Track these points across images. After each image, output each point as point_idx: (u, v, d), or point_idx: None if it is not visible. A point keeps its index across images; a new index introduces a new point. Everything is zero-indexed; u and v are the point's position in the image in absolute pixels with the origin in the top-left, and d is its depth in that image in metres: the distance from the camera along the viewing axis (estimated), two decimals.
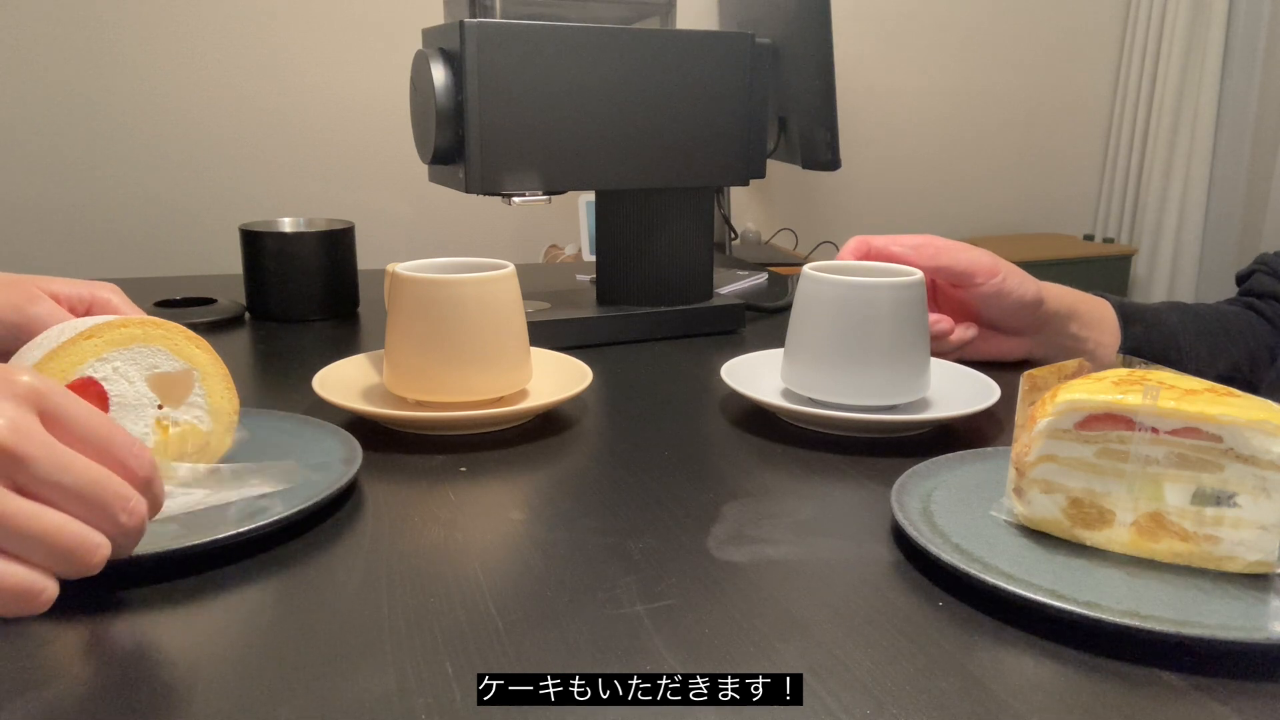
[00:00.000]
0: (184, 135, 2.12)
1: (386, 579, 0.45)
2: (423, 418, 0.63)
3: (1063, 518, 0.46)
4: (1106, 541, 0.46)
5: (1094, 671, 0.38)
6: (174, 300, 1.01)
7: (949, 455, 0.56)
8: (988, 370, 0.72)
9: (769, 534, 0.50)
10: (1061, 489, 0.46)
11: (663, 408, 0.72)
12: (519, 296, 0.67)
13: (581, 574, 0.46)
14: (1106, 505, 0.45)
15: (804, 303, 0.67)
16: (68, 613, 0.41)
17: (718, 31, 0.88)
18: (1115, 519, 0.45)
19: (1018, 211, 2.86)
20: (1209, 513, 0.43)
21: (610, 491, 0.56)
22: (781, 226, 2.52)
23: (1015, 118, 2.80)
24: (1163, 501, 0.44)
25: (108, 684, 0.37)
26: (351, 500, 0.54)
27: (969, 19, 2.69)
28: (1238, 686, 0.37)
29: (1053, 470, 0.46)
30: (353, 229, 1.02)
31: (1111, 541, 0.45)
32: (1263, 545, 0.42)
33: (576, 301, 0.93)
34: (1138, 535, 0.45)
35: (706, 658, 0.39)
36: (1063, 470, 0.46)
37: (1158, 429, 0.44)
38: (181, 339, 0.52)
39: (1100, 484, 0.45)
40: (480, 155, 0.81)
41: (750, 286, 1.15)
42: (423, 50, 0.82)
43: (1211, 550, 0.43)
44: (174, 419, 0.52)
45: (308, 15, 2.15)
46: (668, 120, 0.87)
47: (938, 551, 0.44)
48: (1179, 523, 0.44)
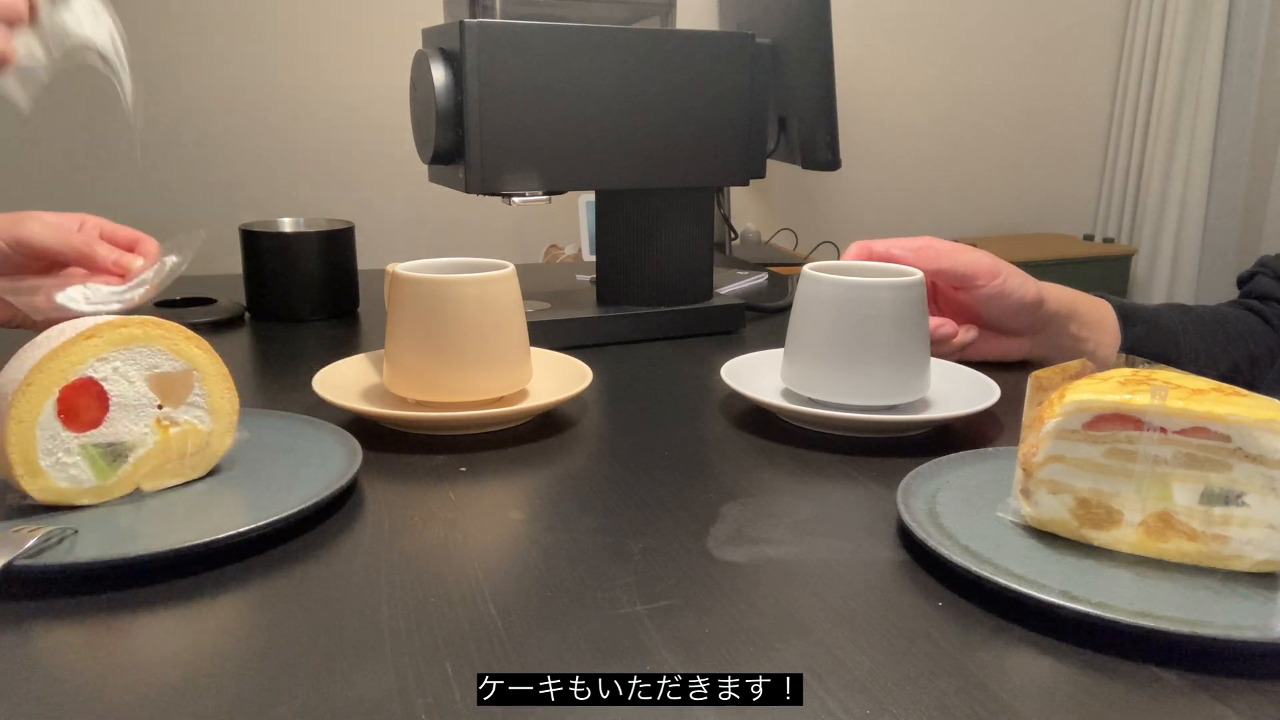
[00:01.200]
0: (184, 135, 2.12)
1: (386, 579, 0.45)
2: (423, 418, 0.63)
3: (1070, 518, 0.46)
4: (1114, 542, 0.45)
5: (1094, 671, 0.38)
6: (174, 300, 1.01)
7: (952, 456, 0.56)
8: (987, 370, 0.72)
9: (769, 534, 0.50)
10: (1069, 489, 0.46)
11: (663, 408, 0.72)
12: (519, 296, 0.67)
13: (581, 574, 0.46)
14: (1114, 505, 0.45)
15: (804, 303, 0.67)
16: (67, 611, 0.41)
17: (718, 31, 0.88)
18: (1123, 519, 0.45)
19: (1018, 211, 2.86)
20: (1217, 512, 0.43)
21: (610, 491, 0.56)
22: (781, 226, 2.52)
23: (1015, 118, 2.80)
24: (1171, 501, 0.44)
25: (107, 683, 0.37)
26: (351, 500, 0.54)
27: (969, 19, 2.69)
28: (1239, 685, 0.37)
29: (1060, 471, 0.46)
30: (353, 229, 1.02)
31: (1119, 541, 0.45)
32: (1271, 544, 0.43)
33: (576, 301, 0.93)
34: (1146, 535, 0.45)
35: (706, 658, 0.39)
36: (1070, 471, 0.46)
37: (1166, 429, 0.44)
38: (181, 339, 0.52)
39: (1108, 484, 0.45)
40: (480, 155, 0.81)
41: (750, 286, 1.15)
42: (423, 50, 0.82)
43: (1220, 550, 0.43)
44: (174, 419, 0.52)
45: (308, 15, 2.15)
46: (668, 120, 0.87)
47: (948, 554, 0.44)
48: (1187, 522, 0.44)
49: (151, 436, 0.51)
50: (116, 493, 0.50)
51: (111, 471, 0.49)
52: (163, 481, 0.51)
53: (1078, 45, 2.82)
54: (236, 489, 0.52)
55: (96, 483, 0.49)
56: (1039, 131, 2.83)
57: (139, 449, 0.50)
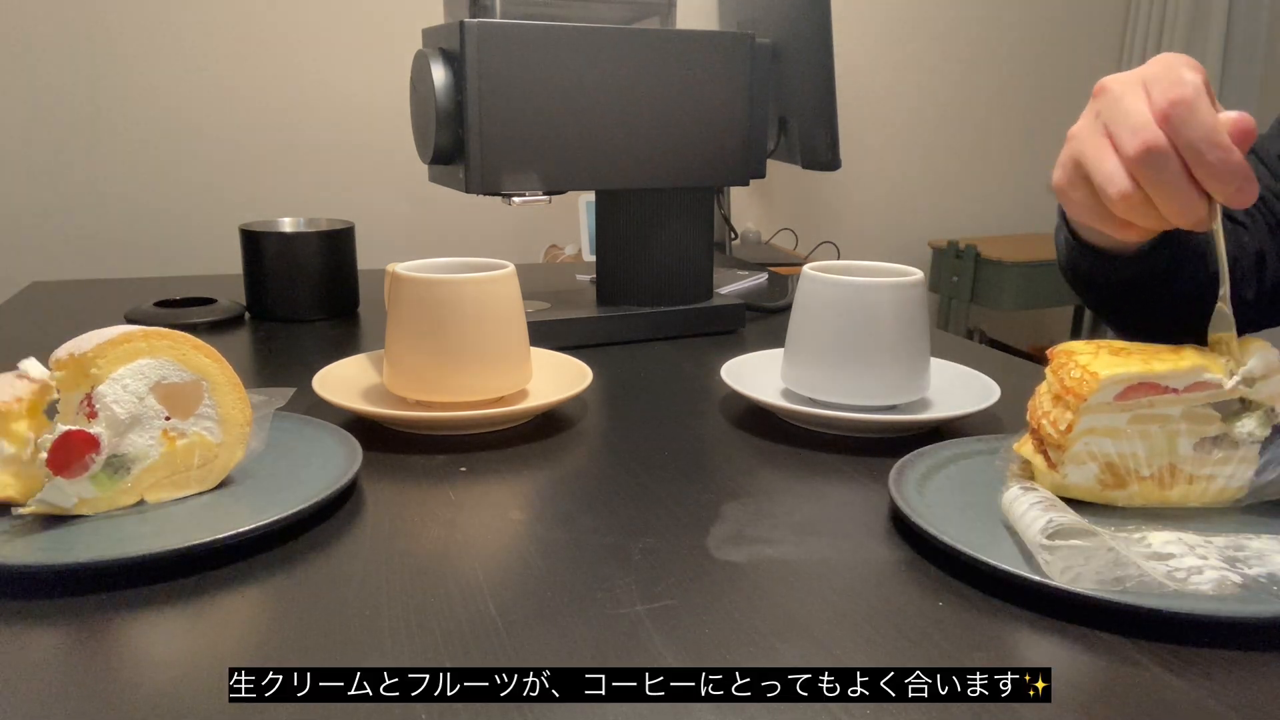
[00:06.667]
0: (184, 136, 2.12)
1: (386, 579, 0.45)
2: (423, 418, 0.63)
3: (1095, 484, 0.50)
4: (1130, 498, 0.50)
5: (1095, 670, 0.38)
6: (174, 300, 1.01)
7: (935, 445, 0.58)
8: (988, 370, 0.72)
9: (769, 534, 0.50)
10: (1097, 457, 0.49)
11: (663, 408, 0.72)
12: (519, 296, 0.67)
13: (581, 574, 0.46)
14: (1132, 465, 0.49)
15: (804, 303, 0.67)
16: (67, 611, 0.41)
17: (718, 31, 0.88)
18: (1138, 476, 0.50)
19: (1018, 212, 2.86)
20: (1214, 455, 0.49)
21: (610, 491, 0.56)
22: (781, 226, 2.52)
23: (1015, 118, 2.80)
24: (1176, 454, 0.49)
25: (107, 683, 0.37)
26: (351, 500, 0.54)
27: (969, 19, 2.69)
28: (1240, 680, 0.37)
29: (1092, 441, 0.49)
30: (353, 229, 1.02)
31: (1135, 497, 0.50)
32: (1241, 475, 0.50)
33: (576, 301, 0.93)
34: (1156, 487, 0.50)
35: (706, 657, 0.39)
36: (1099, 440, 0.49)
37: (1178, 389, 0.48)
38: (189, 349, 0.51)
39: (1128, 446, 0.49)
40: (480, 155, 0.81)
41: (750, 286, 1.15)
42: (423, 50, 0.82)
43: (1209, 488, 0.50)
44: (181, 430, 0.51)
45: (308, 15, 2.15)
46: (668, 120, 0.87)
47: (952, 542, 0.45)
48: (1185, 469, 0.50)
49: (157, 449, 0.50)
50: (118, 504, 0.49)
51: (113, 484, 0.48)
52: (168, 494, 0.50)
53: (1078, 45, 2.82)
54: (236, 489, 0.52)
55: (96, 494, 0.48)
56: (1039, 131, 2.83)
57: (143, 461, 0.49)
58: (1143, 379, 0.48)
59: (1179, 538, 0.46)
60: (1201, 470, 0.50)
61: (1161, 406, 0.49)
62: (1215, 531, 0.47)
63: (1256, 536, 0.47)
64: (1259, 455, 0.50)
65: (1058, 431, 0.50)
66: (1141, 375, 0.48)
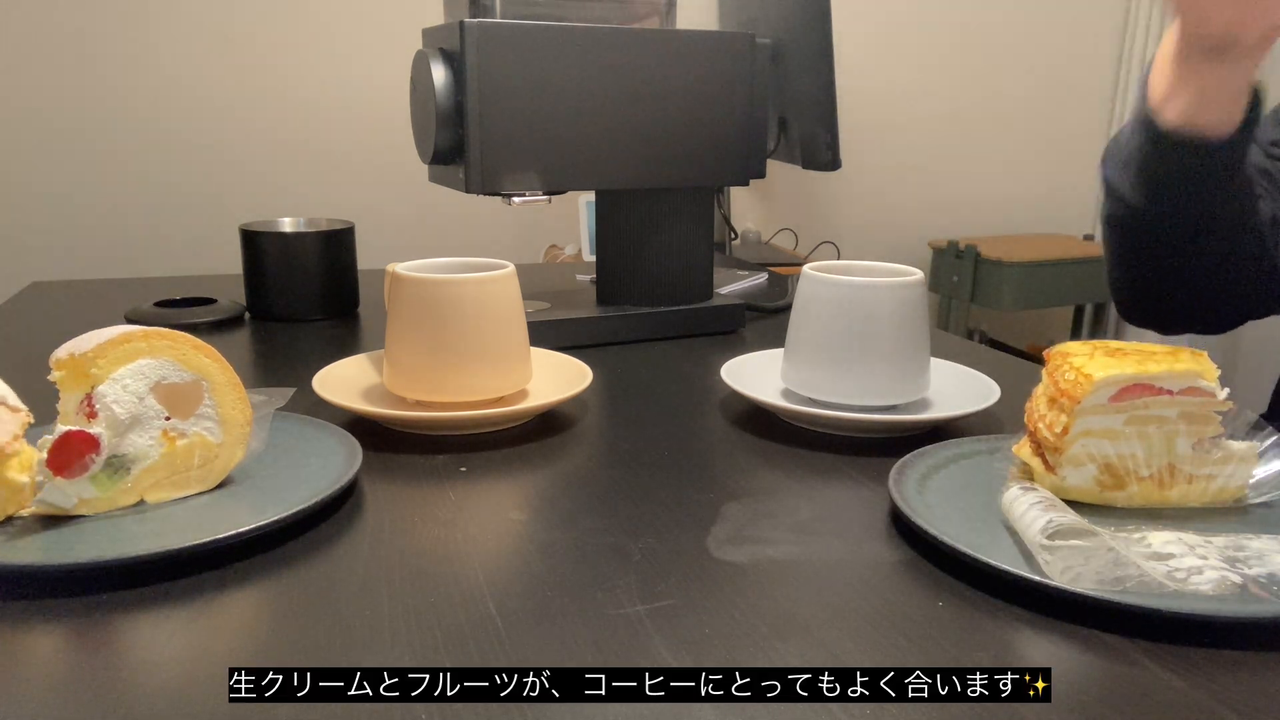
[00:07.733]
0: (184, 135, 2.12)
1: (386, 579, 0.45)
2: (423, 418, 0.63)
3: (1094, 485, 0.50)
4: (1129, 499, 0.50)
5: (1095, 670, 0.38)
6: (174, 300, 1.01)
7: (935, 445, 0.58)
8: (988, 371, 0.72)
9: (769, 534, 0.50)
10: (1095, 459, 0.50)
11: (663, 408, 0.71)
12: (519, 296, 0.67)
13: (581, 574, 0.46)
14: (1130, 466, 0.50)
15: (804, 303, 0.67)
16: (67, 611, 0.41)
17: (718, 31, 0.88)
18: (1136, 476, 0.50)
19: (1018, 212, 2.86)
20: (1214, 455, 0.50)
21: (610, 491, 0.56)
22: (781, 226, 2.52)
23: (1015, 118, 2.80)
24: (1174, 454, 0.50)
25: (107, 683, 0.37)
26: (351, 500, 0.54)
27: (968, 19, 2.69)
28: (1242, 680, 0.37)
29: (1089, 443, 0.49)
30: (353, 229, 1.02)
31: (1134, 497, 0.50)
32: (1241, 474, 0.50)
33: (576, 301, 0.93)
34: (1155, 487, 0.50)
35: (706, 657, 0.39)
36: (1096, 441, 0.49)
37: (1173, 390, 0.49)
38: (189, 349, 0.51)
39: (1126, 447, 0.49)
40: (480, 155, 0.81)
41: (750, 286, 1.15)
42: (423, 50, 0.82)
43: (1208, 487, 0.50)
44: (181, 430, 0.51)
45: (308, 15, 2.15)
46: (668, 120, 0.87)
47: (952, 542, 0.45)
48: (1185, 469, 0.50)
49: (157, 449, 0.50)
50: (118, 504, 0.49)
51: (112, 484, 0.48)
52: (168, 494, 0.50)
53: (1078, 45, 2.82)
54: (236, 489, 0.52)
55: (96, 494, 0.48)
56: (1039, 132, 2.83)
57: (143, 461, 0.49)
58: (1137, 380, 0.49)
59: (1179, 538, 0.46)
60: (1201, 470, 0.50)
61: (1156, 408, 0.49)
62: (1215, 531, 0.47)
63: (1256, 536, 0.47)
64: (1258, 455, 0.50)
65: (1053, 434, 0.50)
66: (1136, 376, 0.48)
